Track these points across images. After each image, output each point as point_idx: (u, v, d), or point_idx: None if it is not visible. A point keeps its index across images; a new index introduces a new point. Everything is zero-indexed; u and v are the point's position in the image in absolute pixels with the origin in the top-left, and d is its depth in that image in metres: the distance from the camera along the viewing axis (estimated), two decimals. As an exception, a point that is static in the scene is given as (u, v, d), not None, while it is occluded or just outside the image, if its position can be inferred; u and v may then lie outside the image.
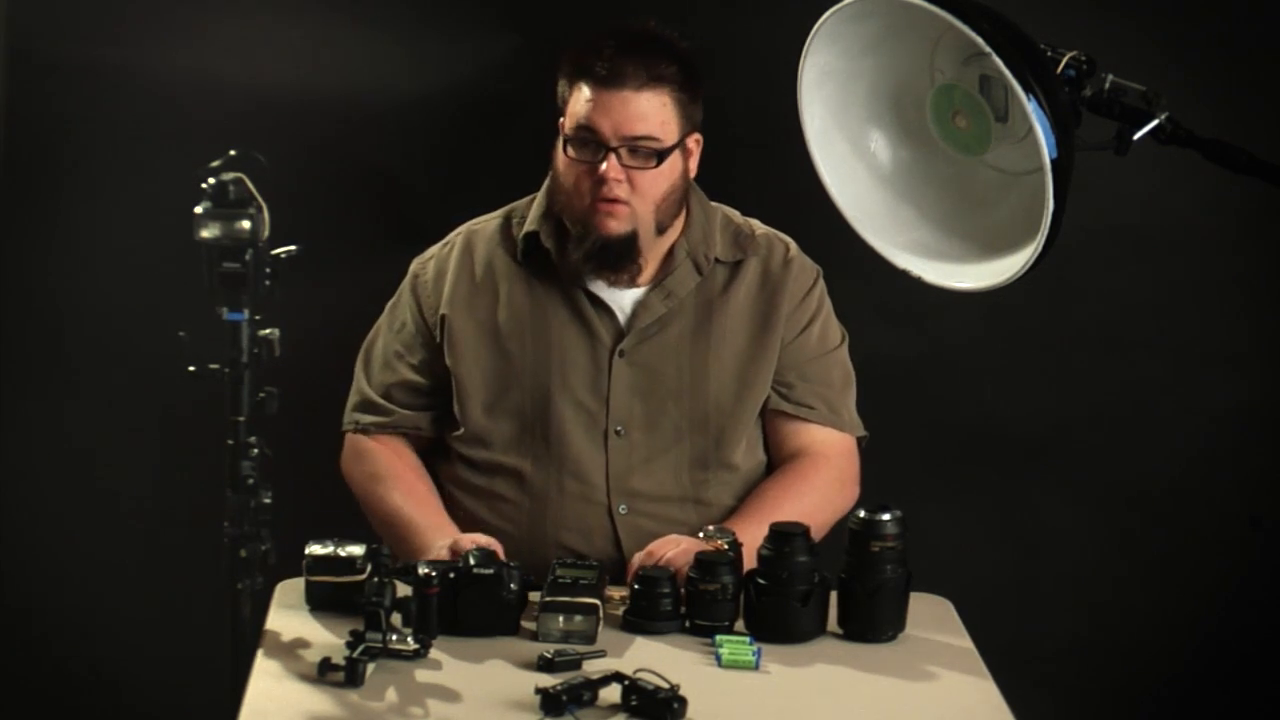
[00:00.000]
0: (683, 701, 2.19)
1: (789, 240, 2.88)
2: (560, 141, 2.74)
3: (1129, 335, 3.55)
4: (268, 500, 2.22)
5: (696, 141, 2.77)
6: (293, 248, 2.25)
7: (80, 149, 3.41)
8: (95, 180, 3.41)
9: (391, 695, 2.24)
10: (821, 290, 2.88)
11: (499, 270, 2.83)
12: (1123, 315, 3.55)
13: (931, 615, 2.58)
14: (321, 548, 2.45)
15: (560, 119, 2.75)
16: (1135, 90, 2.13)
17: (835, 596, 2.50)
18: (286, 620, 2.46)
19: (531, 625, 2.44)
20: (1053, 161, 2.04)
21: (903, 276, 2.27)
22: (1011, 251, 2.17)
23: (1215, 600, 3.56)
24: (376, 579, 2.34)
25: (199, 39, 3.39)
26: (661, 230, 2.76)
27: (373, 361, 2.87)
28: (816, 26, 2.18)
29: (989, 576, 3.50)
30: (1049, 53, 2.12)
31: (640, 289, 2.79)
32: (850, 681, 2.37)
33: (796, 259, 2.86)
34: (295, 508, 2.38)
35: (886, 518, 2.46)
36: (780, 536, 2.47)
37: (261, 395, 2.22)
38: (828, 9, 2.15)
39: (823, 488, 2.80)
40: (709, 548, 2.53)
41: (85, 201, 3.41)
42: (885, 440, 2.98)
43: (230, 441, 2.21)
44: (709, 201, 2.86)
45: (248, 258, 2.19)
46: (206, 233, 2.19)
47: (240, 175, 2.19)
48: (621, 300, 2.79)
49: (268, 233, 2.21)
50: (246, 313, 2.21)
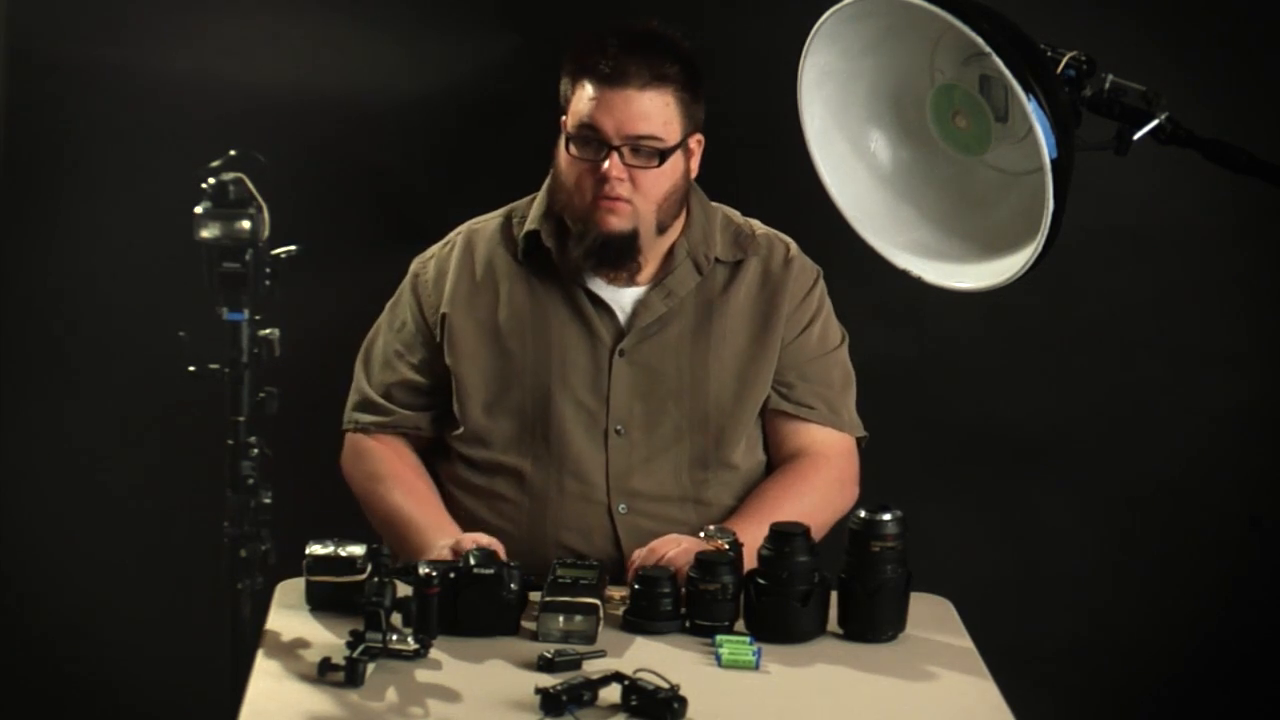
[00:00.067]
0: (683, 701, 2.19)
1: (789, 240, 2.88)
2: (562, 140, 2.74)
3: (1129, 335, 3.55)
4: (268, 500, 2.22)
5: (698, 142, 2.77)
6: (293, 248, 2.25)
7: (80, 149, 3.41)
8: (95, 180, 3.41)
9: (391, 695, 2.24)
10: (822, 290, 2.88)
11: (499, 269, 2.83)
12: (1123, 315, 3.55)
13: (931, 615, 2.58)
14: (322, 548, 2.45)
15: (562, 117, 2.75)
16: (1135, 90, 2.13)
17: (835, 596, 2.50)
18: (286, 620, 2.46)
19: (531, 625, 2.44)
20: (1053, 161, 2.04)
21: (903, 276, 2.27)
22: (1011, 251, 2.17)
23: (1215, 600, 3.56)
24: (376, 579, 2.34)
25: (199, 39, 3.39)
26: (662, 229, 2.76)
27: (373, 361, 2.87)
28: (816, 26, 2.18)
29: (989, 576, 3.50)
30: (1049, 53, 2.12)
31: (640, 288, 2.79)
32: (850, 681, 2.37)
33: (797, 259, 2.86)
34: (295, 508, 2.38)
35: (886, 518, 2.46)
36: (780, 536, 2.47)
37: (261, 395, 2.22)
38: (828, 9, 2.15)
39: (823, 488, 2.80)
40: (710, 548, 2.53)
41: (85, 201, 3.41)
42: (885, 440, 2.98)
43: (230, 441, 2.21)
44: (709, 202, 2.86)
45: (248, 258, 2.19)
46: (206, 233, 2.19)
47: (240, 175, 2.19)
48: (622, 300, 2.79)
49: (268, 233, 2.21)
50: (246, 313, 2.21)
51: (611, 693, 2.22)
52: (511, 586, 2.43)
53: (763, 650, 2.40)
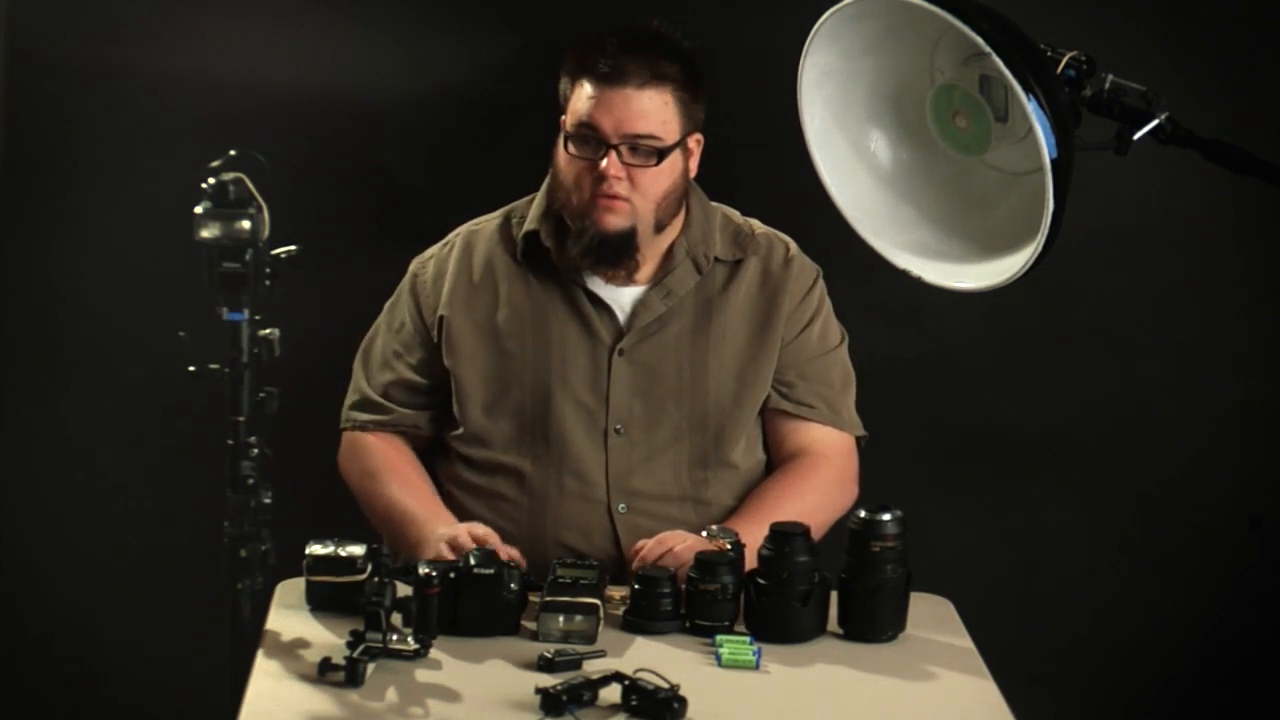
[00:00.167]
0: (683, 701, 2.19)
1: (789, 240, 2.88)
2: (561, 138, 2.74)
3: (1129, 335, 3.55)
4: (268, 500, 2.22)
5: (697, 141, 2.77)
6: (293, 248, 2.25)
7: (80, 149, 3.41)
8: (95, 180, 3.41)
9: (391, 695, 2.24)
10: (821, 290, 2.88)
11: (498, 270, 2.83)
12: (1123, 315, 3.55)
13: (931, 615, 2.58)
14: (322, 548, 2.45)
15: (562, 116, 2.75)
16: (1135, 90, 2.13)
17: (835, 596, 2.50)
18: (286, 620, 2.46)
19: (531, 625, 2.44)
20: (1053, 161, 2.04)
21: (903, 276, 2.27)
22: (1011, 251, 2.17)
23: (1215, 600, 3.56)
24: (377, 579, 2.34)
25: (199, 39, 3.39)
26: (660, 228, 2.76)
27: (371, 361, 2.87)
28: (816, 26, 2.18)
29: (989, 576, 3.50)
30: (1049, 53, 2.12)
31: (640, 288, 2.79)
32: (850, 681, 2.37)
33: (797, 258, 2.86)
34: (295, 508, 2.38)
35: (886, 518, 2.46)
36: (780, 536, 2.47)
37: (261, 395, 2.22)
38: (828, 9, 2.15)
39: (823, 487, 2.80)
40: (712, 547, 2.53)
41: (85, 201, 3.41)
42: (885, 440, 2.98)
43: (230, 441, 2.21)
44: (709, 201, 2.86)
45: (248, 258, 2.19)
46: (206, 233, 2.19)
47: (240, 175, 2.19)
48: (621, 299, 2.79)
49: (268, 233, 2.21)
50: (246, 313, 2.21)
51: (611, 693, 2.22)
52: (511, 586, 2.43)
53: (763, 650, 2.40)
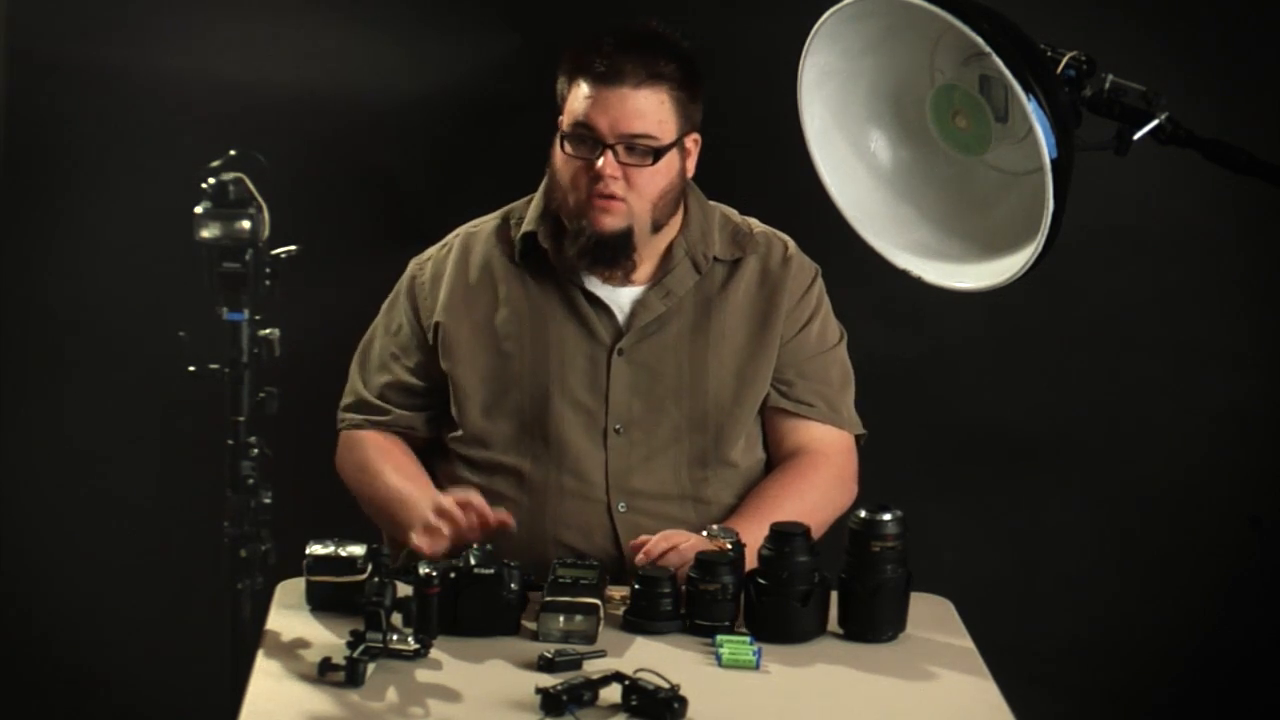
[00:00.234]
0: (683, 701, 2.19)
1: (787, 239, 2.88)
2: (558, 138, 2.74)
3: (1129, 335, 3.55)
4: (268, 500, 2.22)
5: (695, 141, 2.77)
6: (293, 248, 2.25)
7: (80, 149, 3.41)
8: (95, 180, 3.41)
9: (391, 695, 2.24)
10: (820, 288, 2.88)
11: (496, 271, 2.83)
12: (1123, 315, 3.55)
13: (931, 615, 2.58)
14: (322, 548, 2.45)
15: (559, 116, 2.75)
16: (1135, 90, 2.13)
17: (835, 596, 2.50)
18: (286, 620, 2.46)
19: (532, 625, 2.44)
20: (1053, 161, 2.04)
21: (903, 276, 2.27)
22: (1011, 251, 2.17)
23: (1215, 600, 3.56)
24: (377, 579, 2.34)
25: (199, 39, 3.39)
26: (657, 228, 2.75)
27: (369, 363, 2.87)
28: (816, 26, 2.18)
29: (989, 576, 3.50)
30: (1049, 53, 2.12)
31: (638, 288, 2.79)
32: (850, 681, 2.37)
33: (795, 257, 2.86)
34: (295, 508, 2.38)
35: (887, 518, 2.46)
36: (780, 536, 2.47)
37: (261, 395, 2.22)
38: (828, 9, 2.15)
39: (823, 486, 2.80)
40: (713, 547, 2.53)
41: (85, 201, 3.42)
42: (885, 440, 2.98)
43: (230, 441, 2.21)
44: (707, 200, 2.86)
45: (248, 258, 2.19)
46: (206, 233, 2.19)
47: (240, 175, 2.19)
48: (620, 299, 2.79)
49: (268, 233, 2.21)
50: (246, 313, 2.21)
51: (612, 693, 2.22)
52: (512, 586, 2.43)
53: (763, 650, 2.40)
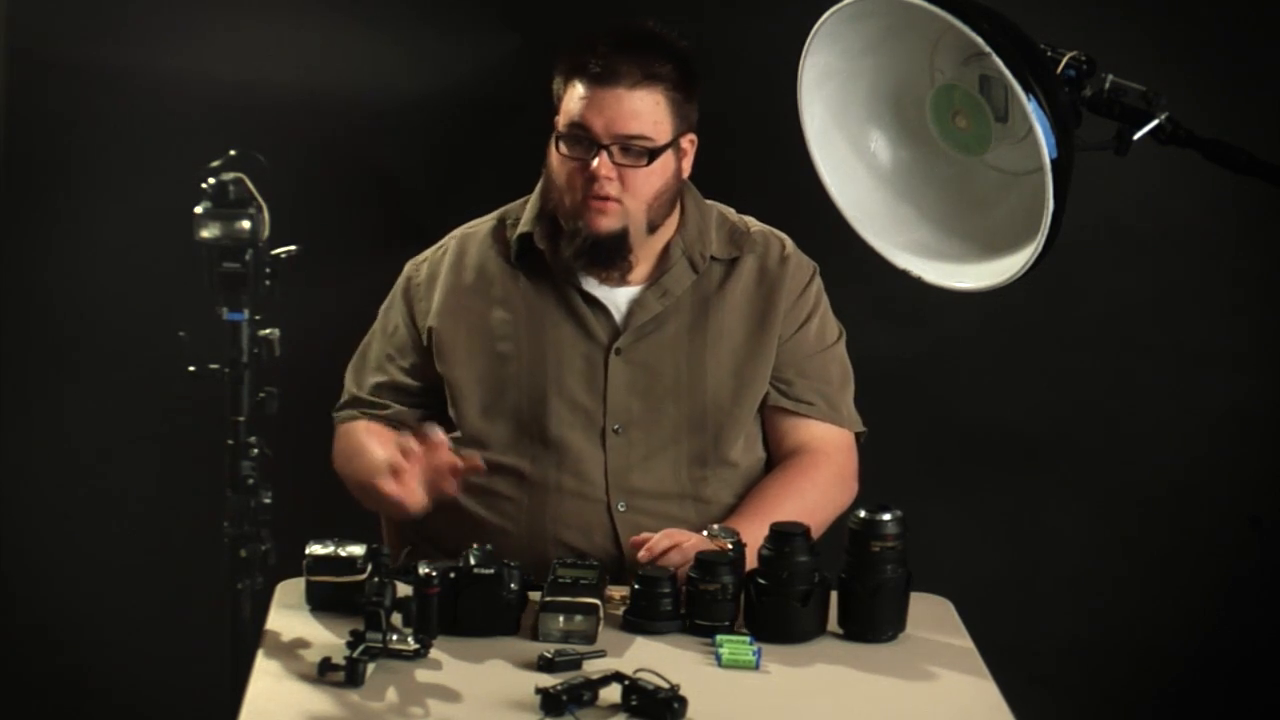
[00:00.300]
0: (683, 701, 2.19)
1: (785, 237, 2.88)
2: (553, 139, 2.74)
3: (1129, 335, 3.55)
4: (268, 500, 2.22)
5: (691, 142, 2.77)
6: (293, 248, 2.25)
7: (80, 149, 3.41)
8: (95, 180, 3.41)
9: (391, 695, 2.24)
10: (818, 286, 2.88)
11: (492, 272, 2.82)
12: (1123, 315, 3.55)
13: (931, 615, 2.58)
14: (322, 548, 2.45)
15: (555, 116, 2.75)
16: (1135, 90, 2.13)
17: (835, 596, 2.50)
18: (286, 620, 2.46)
19: (532, 625, 2.44)
20: (1053, 161, 2.04)
21: (903, 276, 2.27)
22: (1011, 251, 2.17)
23: (1215, 600, 3.56)
24: (376, 579, 2.34)
25: (199, 39, 3.39)
26: (653, 229, 2.75)
27: (366, 365, 2.87)
28: (816, 26, 2.18)
29: (989, 576, 3.50)
30: (1049, 53, 2.12)
31: (636, 287, 2.79)
32: (850, 681, 2.37)
33: (793, 255, 2.86)
34: (295, 508, 2.38)
35: (886, 518, 2.46)
36: (780, 536, 2.47)
37: (261, 395, 2.22)
38: (828, 9, 2.15)
39: (823, 484, 2.80)
40: (714, 547, 2.53)
41: (85, 201, 3.42)
42: (885, 440, 2.98)
43: (230, 441, 2.21)
44: (704, 200, 2.86)
45: (248, 258, 2.19)
46: (206, 233, 2.19)
47: (240, 175, 2.19)
48: (617, 299, 2.79)
49: (268, 233, 2.21)
50: (246, 313, 2.21)
51: (611, 693, 2.22)
52: (511, 586, 2.43)
53: (763, 650, 2.40)
